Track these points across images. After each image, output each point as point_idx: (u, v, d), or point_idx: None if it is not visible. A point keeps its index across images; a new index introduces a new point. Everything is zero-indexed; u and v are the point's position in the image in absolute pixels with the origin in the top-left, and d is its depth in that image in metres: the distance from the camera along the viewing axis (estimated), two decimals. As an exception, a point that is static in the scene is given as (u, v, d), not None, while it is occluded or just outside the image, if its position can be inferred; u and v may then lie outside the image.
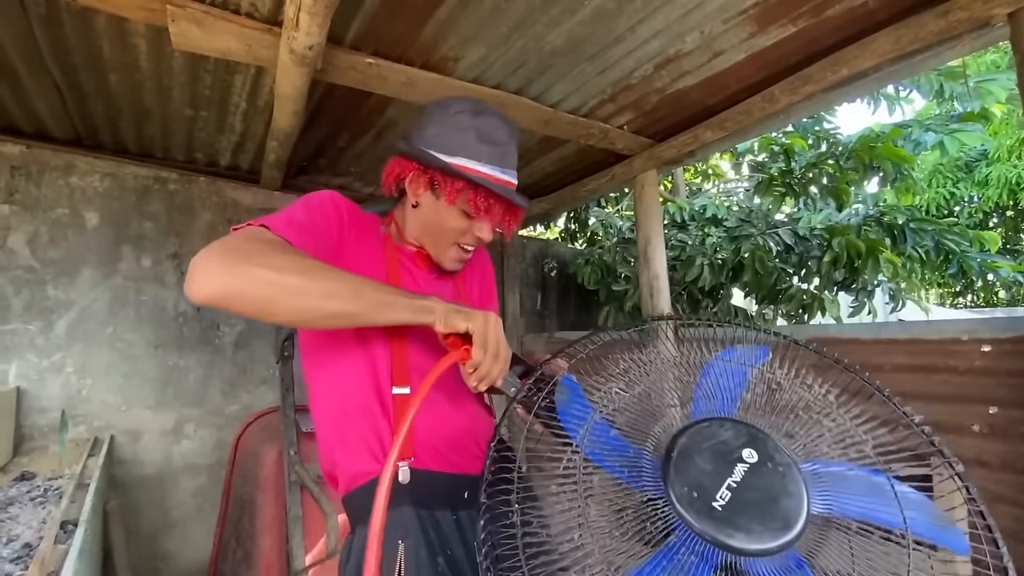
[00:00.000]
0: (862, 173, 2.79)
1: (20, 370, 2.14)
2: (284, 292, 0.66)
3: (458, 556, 0.79)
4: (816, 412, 0.71)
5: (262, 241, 0.70)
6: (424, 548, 0.77)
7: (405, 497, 0.79)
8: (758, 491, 0.57)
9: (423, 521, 0.79)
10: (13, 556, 1.10)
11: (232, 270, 0.64)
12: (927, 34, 1.48)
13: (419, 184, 0.95)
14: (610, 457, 0.64)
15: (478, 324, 0.75)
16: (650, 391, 0.73)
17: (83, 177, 2.33)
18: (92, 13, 1.48)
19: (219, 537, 2.40)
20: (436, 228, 0.96)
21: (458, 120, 0.94)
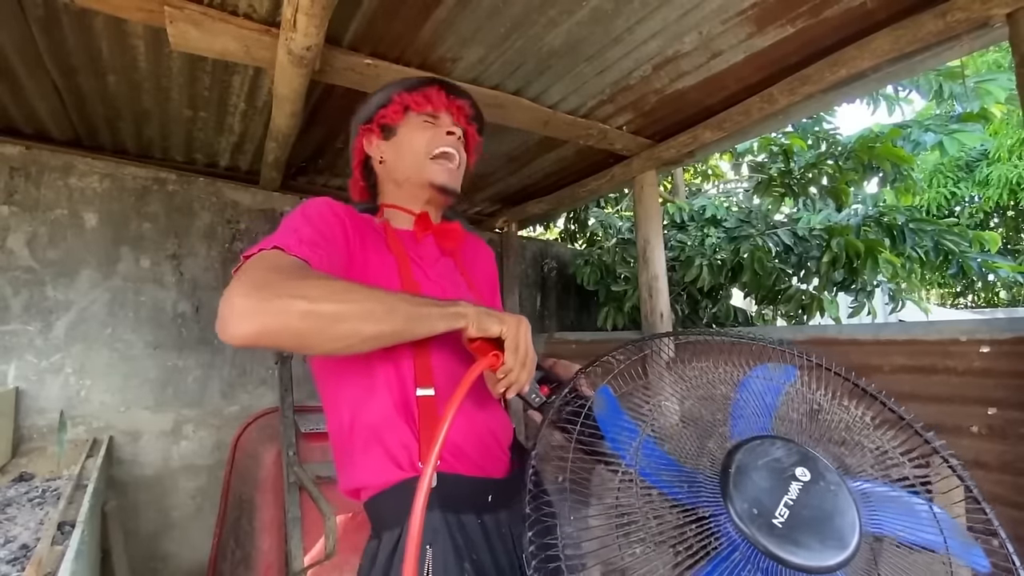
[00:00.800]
0: (861, 173, 2.79)
1: (19, 371, 2.14)
2: (322, 322, 0.63)
3: (484, 561, 0.77)
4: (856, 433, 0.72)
5: (285, 269, 0.67)
6: (452, 553, 0.75)
7: (433, 501, 0.76)
8: (813, 509, 0.58)
9: (450, 526, 0.77)
10: (10, 557, 1.09)
11: (265, 307, 0.61)
12: (926, 34, 1.48)
13: (373, 137, 1.02)
14: (663, 474, 0.64)
15: (511, 328, 0.74)
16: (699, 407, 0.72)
17: (82, 178, 2.33)
18: (91, 14, 1.48)
19: (218, 538, 2.40)
20: (408, 157, 0.99)
21: (389, 86, 1.05)
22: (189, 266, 2.55)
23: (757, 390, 0.73)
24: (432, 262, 0.96)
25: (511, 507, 0.85)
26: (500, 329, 0.74)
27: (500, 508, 0.84)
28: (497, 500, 0.83)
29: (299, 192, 2.90)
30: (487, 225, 3.65)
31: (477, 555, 0.77)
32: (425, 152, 0.98)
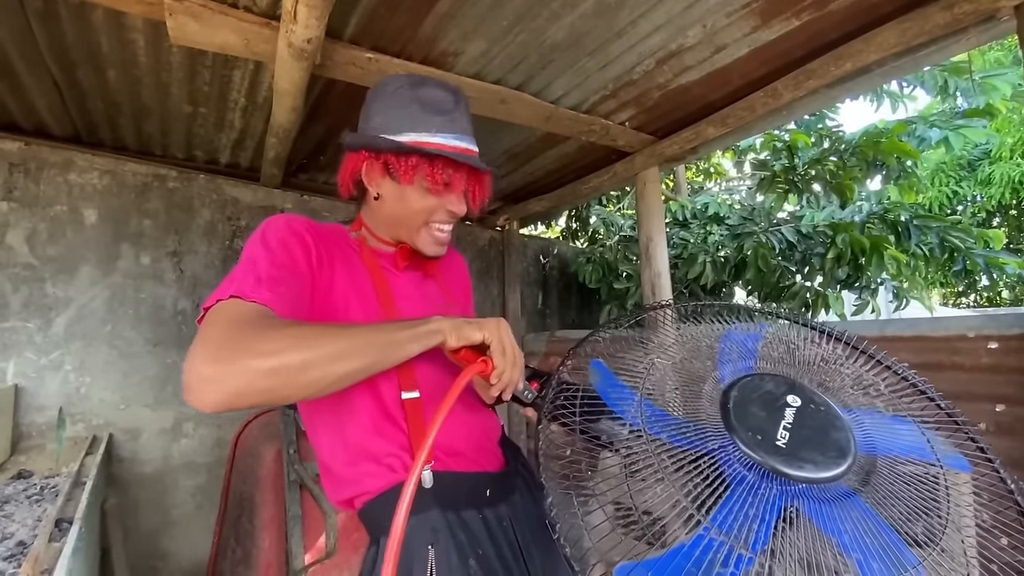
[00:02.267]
0: (865, 170, 2.77)
1: (18, 368, 2.13)
2: (290, 374, 0.61)
3: (489, 555, 0.77)
4: (832, 363, 0.78)
5: (245, 322, 0.64)
6: (455, 551, 0.75)
7: (431, 501, 0.77)
8: (809, 428, 0.64)
9: (451, 524, 0.77)
10: (7, 554, 1.08)
11: (228, 372, 0.58)
12: (932, 27, 1.46)
13: (375, 172, 0.89)
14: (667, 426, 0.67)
15: (493, 332, 0.74)
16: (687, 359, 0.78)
17: (82, 174, 2.32)
18: (90, 7, 1.47)
19: (218, 536, 2.39)
20: (404, 214, 0.91)
21: (398, 96, 0.88)
22: (189, 263, 2.54)
23: (739, 339, 0.79)
24: (414, 283, 0.95)
25: (509, 500, 0.86)
26: (482, 335, 0.74)
27: (499, 502, 0.84)
28: (495, 494, 0.84)
29: (300, 189, 2.89)
30: (488, 223, 3.63)
31: (482, 550, 0.76)
32: (423, 220, 0.91)
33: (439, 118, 0.87)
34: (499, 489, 0.85)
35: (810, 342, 0.80)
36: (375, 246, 0.96)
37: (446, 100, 0.90)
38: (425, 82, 0.90)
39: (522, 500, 0.89)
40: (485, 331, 0.74)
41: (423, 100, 0.88)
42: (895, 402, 0.76)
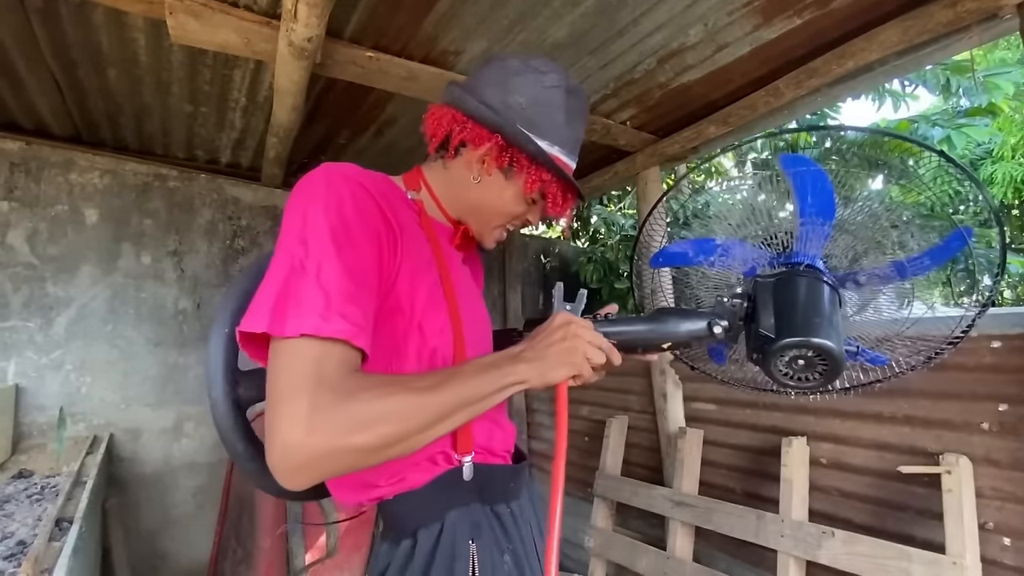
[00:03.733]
0: (867, 169, 2.76)
1: (19, 367, 2.13)
2: (383, 450, 0.58)
3: (517, 550, 0.76)
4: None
5: (337, 378, 0.56)
6: (495, 546, 0.73)
7: (472, 494, 0.74)
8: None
9: (489, 518, 0.75)
10: (7, 553, 1.08)
11: (325, 451, 0.54)
12: (935, 25, 1.46)
13: (493, 160, 0.79)
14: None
15: (582, 367, 0.70)
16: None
17: (83, 174, 2.32)
18: (90, 6, 1.46)
19: (219, 536, 2.39)
20: (493, 208, 0.85)
21: (552, 95, 0.81)
22: (190, 263, 2.54)
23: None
24: (458, 264, 0.89)
25: (522, 494, 0.85)
26: (568, 375, 0.70)
27: (520, 494, 0.83)
28: (517, 487, 0.83)
29: (300, 189, 2.89)
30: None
31: (512, 545, 0.75)
32: (504, 221, 0.87)
33: (574, 137, 0.84)
34: (519, 482, 0.83)
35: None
36: (434, 215, 0.87)
37: (584, 120, 0.87)
38: (576, 93, 0.85)
39: (527, 492, 0.88)
40: (572, 370, 0.70)
41: (571, 112, 0.83)
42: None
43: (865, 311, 0.96)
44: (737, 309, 0.78)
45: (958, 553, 1.32)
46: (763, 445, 1.93)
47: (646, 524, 2.31)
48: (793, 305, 0.76)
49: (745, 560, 1.92)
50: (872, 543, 1.47)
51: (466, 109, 0.80)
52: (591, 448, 2.64)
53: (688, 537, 2.00)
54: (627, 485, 2.27)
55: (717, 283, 0.99)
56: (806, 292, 0.77)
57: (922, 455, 1.52)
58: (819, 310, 0.75)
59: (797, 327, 0.73)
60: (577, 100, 0.84)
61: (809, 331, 0.72)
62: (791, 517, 1.66)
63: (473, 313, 0.83)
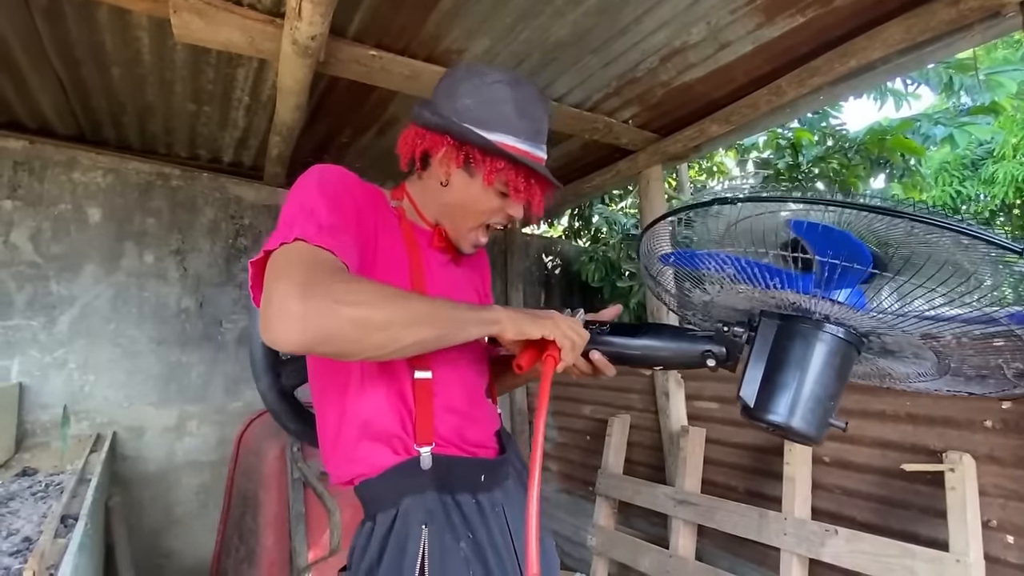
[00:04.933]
0: (869, 168, 2.77)
1: (23, 366, 2.14)
2: (372, 329, 0.62)
3: (480, 540, 0.79)
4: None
5: (324, 266, 0.64)
6: (448, 533, 0.76)
7: (428, 482, 0.78)
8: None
9: (446, 506, 0.79)
10: (13, 550, 1.09)
11: (318, 313, 0.58)
12: (938, 23, 1.46)
13: (452, 161, 0.85)
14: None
15: (554, 329, 0.76)
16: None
17: (86, 173, 2.32)
18: (94, 5, 1.47)
19: (222, 534, 2.39)
20: (466, 208, 0.89)
21: (496, 91, 0.85)
22: (193, 262, 2.54)
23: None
24: (442, 264, 0.94)
25: (503, 486, 0.87)
26: (540, 332, 0.76)
27: (494, 487, 0.86)
28: (489, 479, 0.85)
29: (303, 188, 2.89)
30: (491, 222, 3.63)
31: (473, 534, 0.78)
32: (481, 220, 0.90)
33: (530, 125, 0.87)
34: (493, 475, 0.86)
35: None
36: (413, 219, 0.93)
37: (539, 108, 0.89)
38: (522, 83, 0.88)
39: (514, 486, 0.90)
40: (545, 329, 0.76)
41: (519, 103, 0.86)
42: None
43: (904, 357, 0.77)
44: (738, 340, 0.73)
45: (961, 551, 1.32)
46: (765, 443, 1.93)
47: (648, 523, 2.31)
48: (785, 369, 0.68)
49: (748, 558, 1.92)
50: (875, 541, 1.47)
51: (421, 121, 0.87)
52: (593, 447, 2.64)
53: (691, 535, 2.00)
54: (629, 484, 2.28)
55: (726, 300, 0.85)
56: (806, 358, 0.67)
57: (925, 453, 1.52)
58: (812, 387, 0.66)
59: (778, 403, 0.66)
60: (523, 90, 0.87)
61: (790, 413, 0.65)
62: (794, 515, 1.67)
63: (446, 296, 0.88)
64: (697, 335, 0.75)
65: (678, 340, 0.76)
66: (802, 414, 0.65)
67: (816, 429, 0.66)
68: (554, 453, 2.99)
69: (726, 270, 0.71)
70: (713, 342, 0.74)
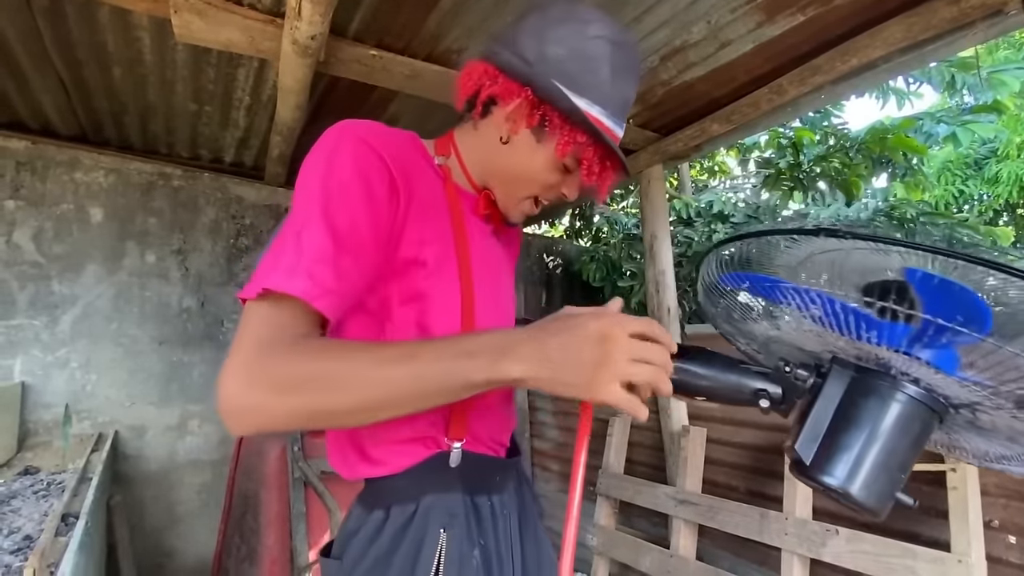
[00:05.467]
0: (871, 167, 2.76)
1: (25, 365, 2.14)
2: (321, 418, 0.57)
3: (489, 547, 0.72)
4: None
5: (277, 338, 0.56)
6: (466, 539, 0.69)
7: (455, 481, 0.71)
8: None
9: (466, 508, 0.71)
10: (13, 548, 1.09)
11: (255, 409, 0.54)
12: (939, 22, 1.45)
13: (524, 118, 0.71)
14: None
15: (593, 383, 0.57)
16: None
17: (88, 173, 2.33)
18: (95, 5, 1.47)
19: (223, 533, 2.40)
20: (523, 176, 0.76)
21: (596, 47, 0.70)
22: (194, 261, 2.55)
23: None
24: (484, 236, 0.82)
25: (508, 488, 0.80)
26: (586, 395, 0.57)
27: (503, 489, 0.79)
28: (502, 480, 0.79)
29: (304, 188, 2.90)
30: (492, 222, 3.63)
31: (485, 540, 0.72)
32: (534, 191, 0.78)
33: (621, 97, 0.73)
34: (505, 475, 0.80)
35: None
36: (459, 181, 0.80)
37: (633, 78, 0.75)
38: (625, 45, 0.73)
39: (515, 488, 0.83)
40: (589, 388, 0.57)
41: (618, 67, 0.72)
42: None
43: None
44: (800, 385, 0.63)
45: (963, 551, 1.31)
46: (767, 443, 1.92)
47: (649, 523, 2.31)
48: (852, 429, 0.59)
49: (749, 559, 1.92)
50: (876, 541, 1.46)
51: (497, 62, 0.72)
52: (594, 447, 2.64)
53: (691, 535, 2.00)
54: (630, 484, 2.27)
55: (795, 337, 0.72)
56: (879, 420, 0.58)
57: (926, 453, 1.51)
58: (881, 454, 0.58)
59: (837, 465, 0.58)
60: (626, 54, 0.73)
61: (850, 479, 0.57)
62: (795, 515, 1.66)
63: (493, 291, 0.78)
64: (752, 370, 0.64)
65: (730, 372, 0.65)
66: (864, 482, 0.57)
67: (878, 501, 0.57)
68: (554, 453, 2.99)
69: (811, 309, 0.61)
70: (770, 380, 0.63)
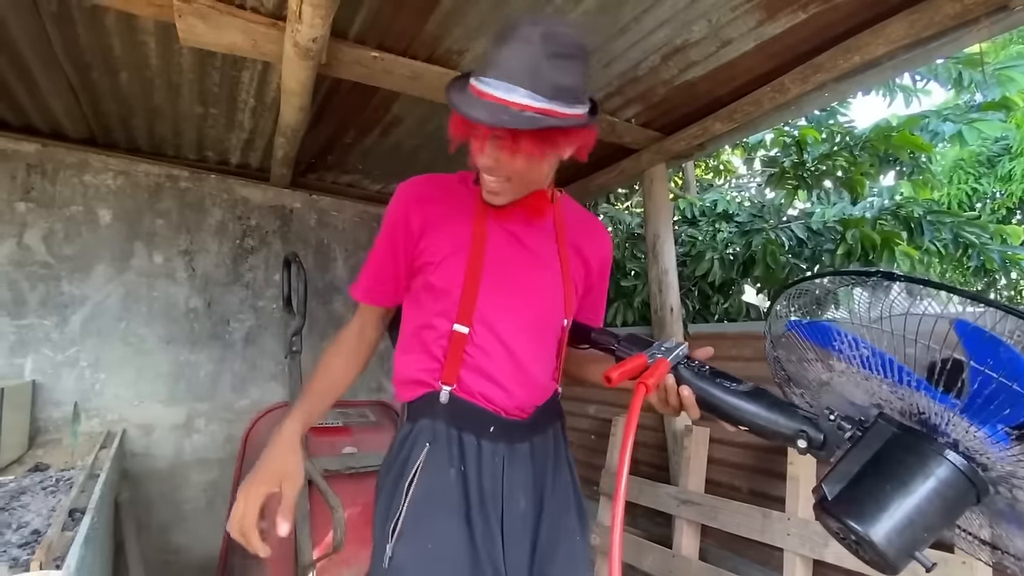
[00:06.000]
0: (877, 166, 2.74)
1: (36, 364, 2.18)
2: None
3: (470, 474, 0.88)
4: None
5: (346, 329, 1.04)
6: (444, 454, 0.88)
7: (442, 413, 0.91)
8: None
9: (451, 436, 0.90)
10: (22, 542, 1.11)
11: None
12: (943, 18, 1.44)
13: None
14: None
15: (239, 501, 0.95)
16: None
17: (97, 175, 2.37)
18: (102, 10, 1.50)
19: (229, 531, 2.42)
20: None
21: (496, 35, 0.80)
22: (201, 262, 2.58)
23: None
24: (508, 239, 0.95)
25: (510, 443, 0.92)
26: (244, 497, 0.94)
27: (500, 440, 0.92)
28: (499, 432, 0.92)
29: (309, 189, 2.92)
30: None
31: (465, 467, 0.89)
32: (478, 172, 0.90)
33: (492, 57, 0.79)
34: (505, 432, 0.92)
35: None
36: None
37: (510, 35, 0.78)
38: (523, 18, 0.79)
39: (529, 449, 0.94)
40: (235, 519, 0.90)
41: (504, 30, 0.79)
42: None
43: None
44: (840, 433, 0.65)
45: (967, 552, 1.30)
46: (769, 444, 1.91)
47: (652, 522, 2.31)
48: (886, 480, 0.58)
49: (752, 559, 1.92)
50: (878, 541, 1.45)
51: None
52: (597, 446, 2.65)
53: (694, 535, 1.99)
54: (633, 483, 2.27)
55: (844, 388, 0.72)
56: (914, 477, 0.57)
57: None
58: (910, 509, 0.56)
59: (863, 508, 0.57)
60: (511, 28, 0.79)
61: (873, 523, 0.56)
62: (797, 515, 1.66)
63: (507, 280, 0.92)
64: (798, 412, 0.68)
65: (776, 411, 0.68)
66: (888, 530, 0.55)
67: (896, 552, 0.55)
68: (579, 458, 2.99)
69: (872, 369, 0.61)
70: (812, 424, 0.66)
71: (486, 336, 0.90)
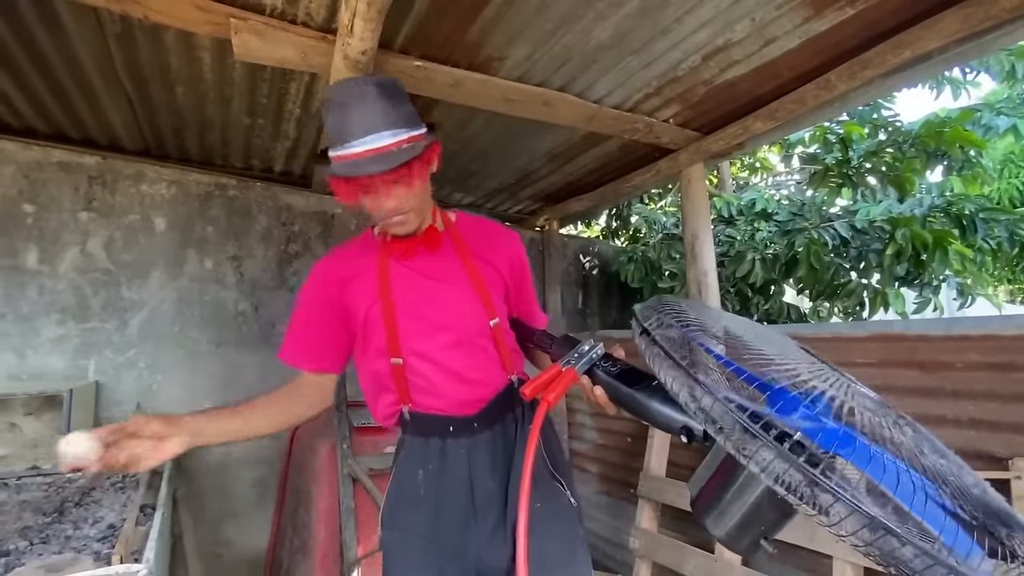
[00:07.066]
0: (925, 161, 2.64)
1: (98, 365, 2.30)
2: None
3: (435, 469, 1.05)
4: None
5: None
6: (414, 461, 1.07)
7: (408, 427, 1.09)
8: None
9: (419, 442, 1.08)
10: (100, 536, 1.18)
11: None
12: (999, 11, 1.39)
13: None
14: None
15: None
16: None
17: (152, 185, 2.48)
18: (162, 29, 1.57)
19: (276, 526, 2.51)
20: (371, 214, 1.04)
21: (326, 108, 0.97)
22: (248, 267, 2.67)
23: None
24: (406, 273, 1.07)
25: (471, 436, 1.06)
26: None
27: (461, 436, 1.06)
28: (459, 430, 1.06)
29: (348, 194, 2.99)
30: (528, 223, 3.66)
31: (432, 465, 1.06)
32: (379, 218, 1.04)
33: (340, 127, 0.94)
34: (464, 428, 1.06)
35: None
36: (388, 240, 1.11)
37: (347, 102, 0.94)
38: (338, 86, 0.97)
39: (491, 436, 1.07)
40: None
41: (335, 104, 0.94)
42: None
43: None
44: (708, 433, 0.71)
45: (1032, 563, 1.26)
46: (816, 447, 1.87)
47: (693, 526, 2.28)
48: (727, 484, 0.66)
49: (798, 566, 1.88)
50: (936, 550, 1.41)
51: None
52: (634, 449, 2.63)
53: (737, 540, 1.96)
54: (672, 486, 2.25)
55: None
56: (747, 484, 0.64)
57: (989, 460, 1.45)
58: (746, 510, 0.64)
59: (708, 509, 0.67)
60: (339, 90, 0.95)
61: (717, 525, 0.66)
62: (847, 521, 1.62)
63: (420, 305, 1.05)
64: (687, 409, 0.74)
65: (668, 406, 0.76)
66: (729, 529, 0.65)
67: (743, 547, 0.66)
68: (593, 455, 2.99)
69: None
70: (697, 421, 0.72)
71: (416, 360, 1.04)
